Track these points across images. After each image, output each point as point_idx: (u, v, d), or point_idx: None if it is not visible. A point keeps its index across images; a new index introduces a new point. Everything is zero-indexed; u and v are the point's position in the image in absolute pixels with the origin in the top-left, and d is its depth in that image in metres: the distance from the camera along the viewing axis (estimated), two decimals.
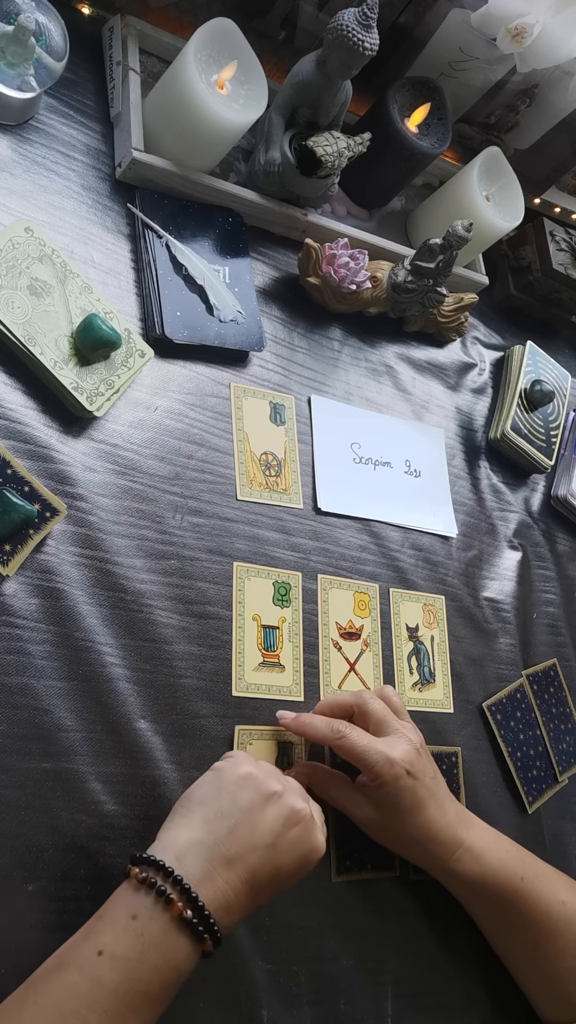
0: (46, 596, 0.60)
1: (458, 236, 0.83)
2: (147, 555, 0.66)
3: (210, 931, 0.48)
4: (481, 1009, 0.69)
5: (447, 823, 0.64)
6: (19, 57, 0.67)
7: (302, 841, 0.53)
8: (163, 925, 0.47)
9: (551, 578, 0.94)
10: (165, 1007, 0.48)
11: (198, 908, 0.48)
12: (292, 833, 0.53)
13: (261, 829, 0.52)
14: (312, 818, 0.55)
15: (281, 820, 0.53)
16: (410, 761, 0.62)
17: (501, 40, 0.80)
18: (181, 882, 0.48)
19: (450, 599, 0.84)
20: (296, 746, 0.68)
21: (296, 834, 0.53)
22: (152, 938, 0.47)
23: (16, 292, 0.64)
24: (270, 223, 0.86)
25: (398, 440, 0.88)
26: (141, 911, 0.47)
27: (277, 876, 0.52)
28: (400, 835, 0.63)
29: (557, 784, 0.83)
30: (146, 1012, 0.46)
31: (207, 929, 0.48)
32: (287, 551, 0.74)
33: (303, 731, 0.64)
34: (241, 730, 0.65)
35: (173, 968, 0.47)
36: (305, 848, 0.54)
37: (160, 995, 0.47)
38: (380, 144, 0.82)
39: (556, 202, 1.09)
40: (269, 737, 0.67)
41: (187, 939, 0.47)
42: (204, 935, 0.48)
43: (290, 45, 0.87)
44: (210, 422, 0.74)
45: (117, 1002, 0.45)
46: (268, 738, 0.66)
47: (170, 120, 0.74)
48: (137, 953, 0.46)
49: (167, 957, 0.47)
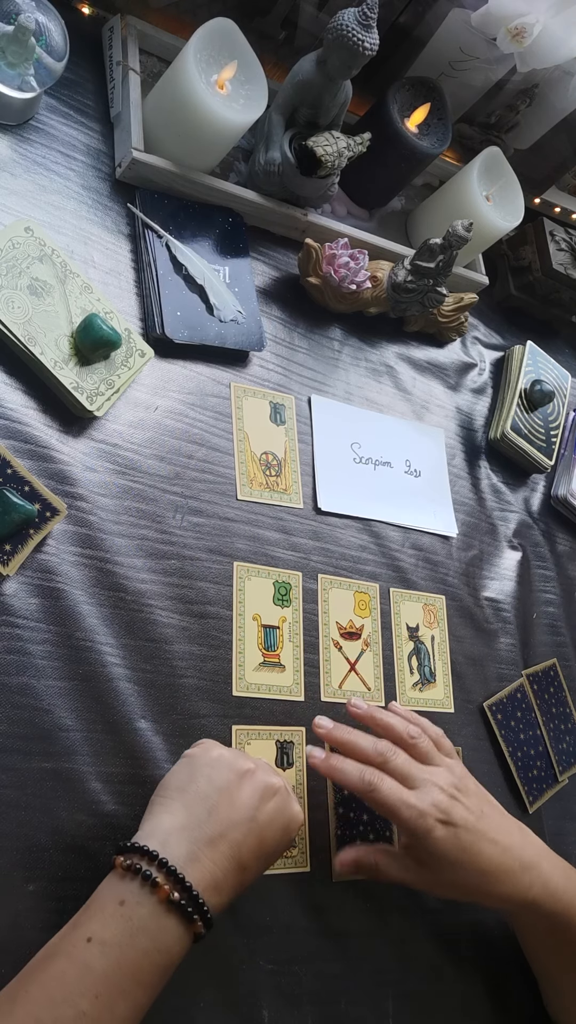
0: (46, 596, 0.60)
1: (458, 236, 0.83)
2: (147, 555, 0.66)
3: (200, 912, 0.48)
4: (482, 1010, 0.69)
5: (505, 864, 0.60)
6: (19, 57, 0.66)
7: (281, 812, 0.54)
8: (151, 908, 0.47)
9: (551, 578, 0.94)
10: (158, 992, 0.47)
11: (186, 889, 0.48)
12: (270, 806, 0.54)
13: (240, 805, 0.52)
14: (287, 790, 0.56)
15: (258, 795, 0.53)
16: (444, 809, 0.59)
17: (501, 40, 0.80)
18: (167, 864, 0.48)
19: (450, 599, 0.84)
20: (296, 746, 0.68)
21: (274, 806, 0.54)
22: (141, 922, 0.46)
23: (16, 292, 0.64)
24: (270, 223, 0.86)
25: (398, 440, 0.88)
26: (128, 896, 0.47)
27: (261, 850, 0.52)
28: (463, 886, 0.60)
29: (557, 784, 0.83)
30: (138, 996, 0.46)
31: (197, 910, 0.48)
32: (287, 551, 0.74)
33: (333, 775, 0.61)
34: (239, 730, 0.65)
35: (163, 952, 0.47)
36: (284, 819, 0.54)
37: (151, 980, 0.46)
38: (380, 144, 0.82)
39: (556, 202, 1.09)
40: (267, 736, 0.67)
41: (177, 921, 0.47)
42: (194, 916, 0.47)
43: (290, 45, 0.87)
44: (210, 422, 0.74)
45: (107, 987, 0.44)
46: (266, 737, 0.66)
47: (170, 120, 0.74)
48: (126, 938, 0.46)
49: (157, 940, 0.46)
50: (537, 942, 0.67)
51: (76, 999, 0.43)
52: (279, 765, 0.66)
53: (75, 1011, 0.43)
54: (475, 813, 0.61)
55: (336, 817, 0.67)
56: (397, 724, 0.64)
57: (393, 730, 0.63)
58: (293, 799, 0.56)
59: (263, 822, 0.53)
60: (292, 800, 0.56)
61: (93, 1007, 0.43)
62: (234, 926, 0.59)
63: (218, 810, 0.52)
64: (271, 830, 0.53)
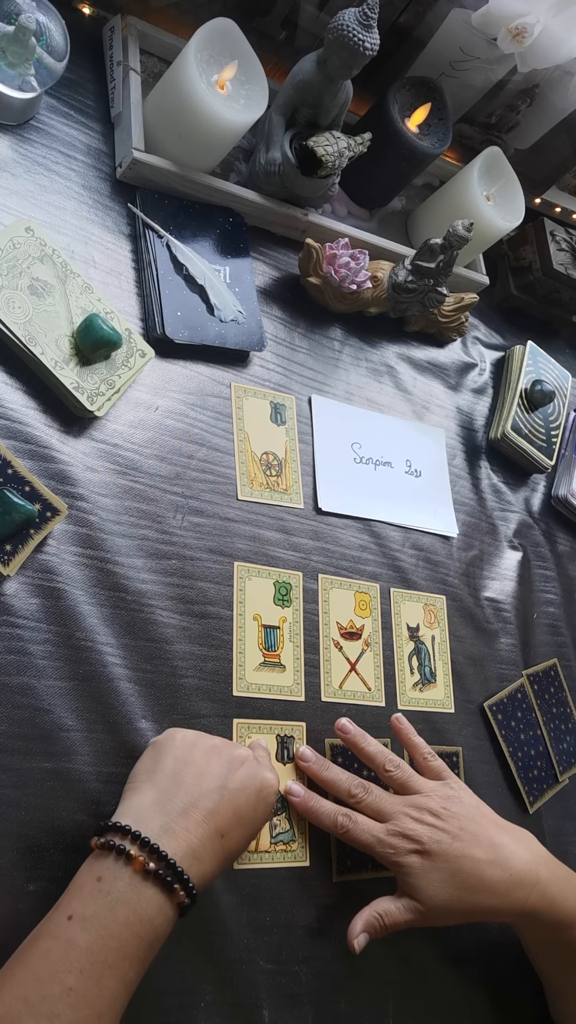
0: (47, 596, 0.60)
1: (458, 236, 0.83)
2: (148, 555, 0.66)
3: (180, 880, 0.48)
4: (482, 1009, 0.69)
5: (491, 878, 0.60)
6: (20, 57, 0.67)
7: (252, 777, 0.55)
8: (128, 880, 0.47)
9: (551, 578, 0.94)
10: (145, 965, 0.48)
11: (162, 858, 0.48)
12: (239, 774, 0.54)
13: (208, 776, 0.53)
14: (255, 758, 0.57)
15: (225, 765, 0.54)
16: (415, 837, 0.59)
17: (502, 40, 0.80)
18: (140, 837, 0.49)
19: (451, 599, 0.84)
20: (296, 741, 0.68)
21: (243, 773, 0.55)
22: (119, 894, 0.47)
23: (17, 292, 0.64)
24: (271, 223, 0.86)
25: (399, 440, 0.88)
26: (105, 872, 0.48)
27: (238, 816, 0.53)
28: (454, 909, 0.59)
29: (558, 784, 0.83)
30: (124, 969, 0.46)
31: (176, 878, 0.48)
32: (288, 551, 0.74)
33: (309, 817, 0.63)
34: (240, 723, 0.65)
35: (145, 922, 0.47)
36: (257, 784, 0.55)
37: (136, 952, 0.46)
38: (380, 144, 0.82)
39: (556, 202, 1.09)
40: (268, 731, 0.67)
41: (156, 891, 0.48)
42: (173, 885, 0.48)
43: (290, 45, 0.87)
44: (211, 422, 0.74)
45: (92, 961, 0.45)
46: (267, 732, 0.67)
47: (171, 120, 0.74)
48: (106, 911, 0.46)
49: (137, 911, 0.47)
50: (540, 949, 0.67)
51: (61, 975, 0.44)
52: (279, 759, 0.66)
53: (61, 987, 0.43)
54: (450, 832, 0.61)
55: None
56: (376, 755, 0.65)
57: (373, 761, 0.65)
58: (264, 766, 0.57)
59: (234, 789, 0.53)
60: (263, 767, 0.56)
61: (79, 981, 0.44)
62: (234, 926, 0.59)
63: (187, 783, 0.52)
64: (244, 796, 0.54)
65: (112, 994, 0.45)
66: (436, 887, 0.59)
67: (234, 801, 0.53)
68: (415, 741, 0.67)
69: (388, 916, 0.60)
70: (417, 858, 0.59)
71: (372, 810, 0.61)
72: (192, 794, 0.52)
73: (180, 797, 0.52)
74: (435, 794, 0.63)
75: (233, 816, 0.52)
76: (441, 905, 0.59)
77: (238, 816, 0.53)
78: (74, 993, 0.43)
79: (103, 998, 0.44)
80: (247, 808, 0.54)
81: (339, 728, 0.66)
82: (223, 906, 0.60)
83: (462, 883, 0.59)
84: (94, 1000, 0.44)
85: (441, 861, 0.59)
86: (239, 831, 0.53)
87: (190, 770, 0.53)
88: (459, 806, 0.63)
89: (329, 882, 0.65)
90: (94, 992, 0.44)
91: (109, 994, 0.45)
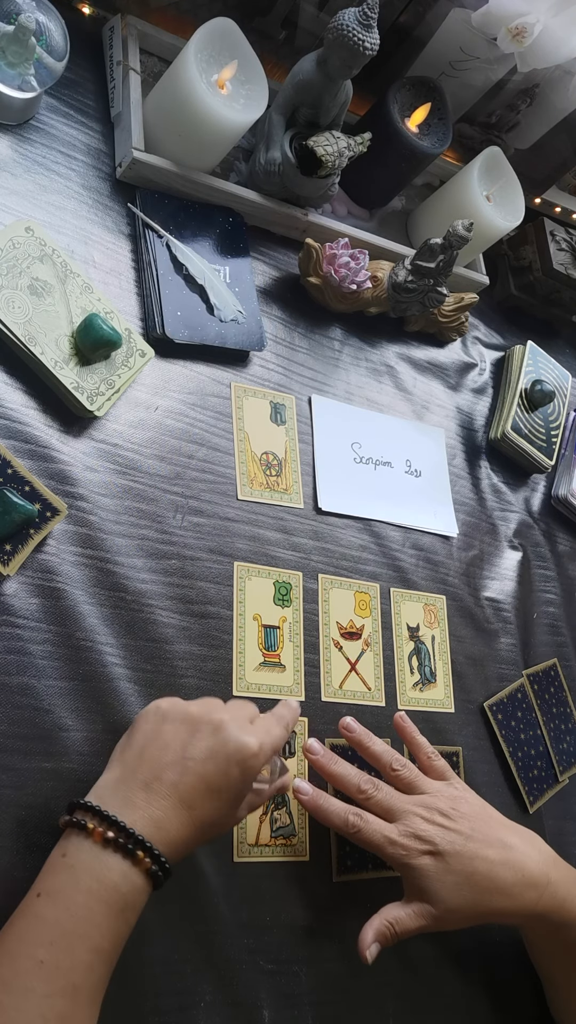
0: (47, 596, 0.60)
1: (458, 236, 0.83)
2: (148, 555, 0.66)
3: (142, 847, 0.48)
4: (482, 1010, 0.69)
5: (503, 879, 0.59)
6: (20, 57, 0.66)
7: (223, 744, 0.52)
8: (89, 851, 0.48)
9: (551, 578, 0.94)
10: (119, 935, 0.47)
11: (121, 828, 0.48)
12: (203, 743, 0.52)
13: (170, 747, 0.52)
14: (231, 721, 0.53)
15: (187, 733, 0.52)
16: (426, 838, 0.58)
17: (502, 40, 0.80)
18: (99, 811, 0.49)
19: (451, 599, 0.84)
20: (298, 735, 0.68)
21: (209, 741, 0.52)
22: (83, 865, 0.47)
23: (17, 292, 0.64)
24: (270, 223, 0.86)
25: (399, 440, 0.88)
26: (69, 848, 0.48)
27: (207, 785, 0.51)
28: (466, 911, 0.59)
29: (558, 784, 0.83)
30: (95, 938, 0.46)
31: (137, 845, 0.48)
32: (288, 551, 0.74)
33: (318, 816, 0.61)
34: None
35: (111, 888, 0.47)
36: (228, 749, 0.52)
37: (106, 920, 0.46)
38: (380, 144, 0.82)
39: (557, 202, 1.09)
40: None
41: (118, 857, 0.47)
42: (136, 852, 0.47)
43: (290, 45, 0.87)
44: (211, 422, 0.74)
45: (60, 932, 0.45)
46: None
47: (171, 120, 0.74)
48: (71, 884, 0.47)
49: (101, 880, 0.47)
50: (543, 947, 0.67)
51: (32, 950, 0.44)
52: (282, 754, 0.66)
53: (32, 961, 0.44)
54: (463, 834, 0.60)
55: None
56: (382, 755, 0.63)
57: (378, 760, 0.63)
58: (241, 729, 0.53)
59: (199, 758, 0.51)
60: (239, 731, 0.53)
61: (49, 954, 0.44)
62: (234, 926, 0.59)
63: (149, 757, 0.52)
64: (213, 764, 0.51)
65: (85, 964, 0.45)
66: (450, 890, 0.58)
67: (200, 771, 0.51)
68: (419, 740, 0.67)
69: (399, 924, 0.58)
70: (431, 860, 0.58)
71: (382, 808, 0.60)
72: (154, 768, 0.51)
73: (142, 772, 0.51)
74: (442, 794, 0.62)
75: (201, 786, 0.51)
76: (455, 908, 0.58)
77: (207, 786, 0.51)
78: (46, 966, 0.44)
79: (76, 969, 0.45)
80: (217, 777, 0.51)
81: (343, 727, 0.66)
82: (223, 906, 0.60)
83: (476, 884, 0.58)
84: (67, 971, 0.44)
85: (455, 863, 0.58)
86: (211, 802, 0.51)
87: (155, 744, 0.52)
88: (467, 806, 0.62)
89: (329, 881, 0.65)
90: (66, 963, 0.44)
91: (82, 964, 0.45)
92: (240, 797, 0.53)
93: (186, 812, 0.50)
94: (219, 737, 0.52)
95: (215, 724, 0.53)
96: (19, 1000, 0.43)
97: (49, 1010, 0.43)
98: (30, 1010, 0.43)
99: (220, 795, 0.52)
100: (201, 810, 0.51)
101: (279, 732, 0.56)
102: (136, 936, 0.56)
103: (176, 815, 0.50)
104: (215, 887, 0.60)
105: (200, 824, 0.51)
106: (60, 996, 0.44)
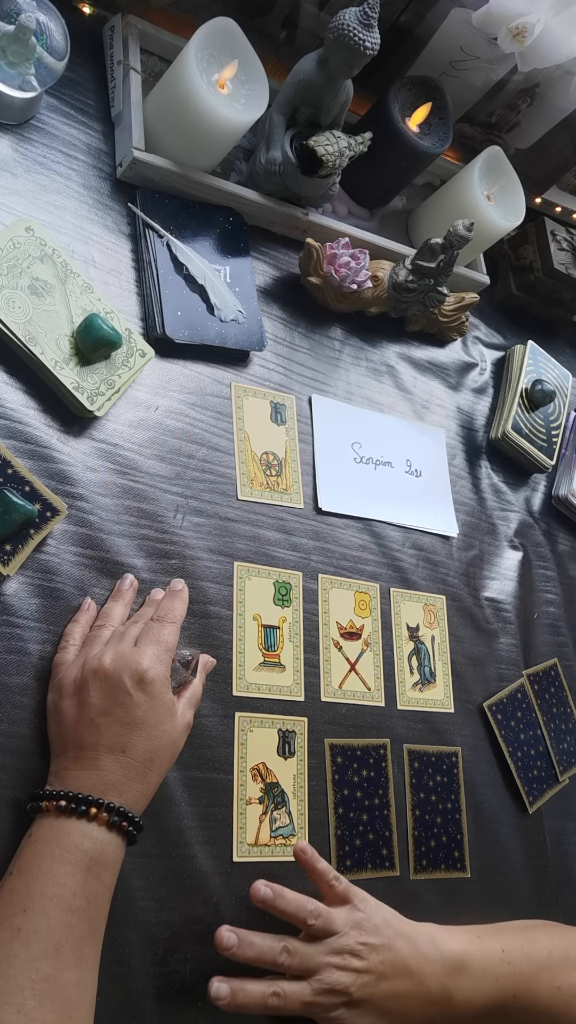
0: (47, 596, 0.60)
1: (459, 236, 0.82)
2: (148, 555, 0.66)
3: (92, 803, 0.51)
4: None
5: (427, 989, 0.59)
6: (20, 56, 0.66)
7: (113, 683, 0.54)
8: (49, 825, 0.51)
9: (552, 578, 0.94)
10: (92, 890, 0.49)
11: (67, 796, 0.51)
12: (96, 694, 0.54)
13: (73, 716, 0.54)
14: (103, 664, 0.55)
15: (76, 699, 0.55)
16: (342, 990, 0.56)
17: (502, 39, 0.80)
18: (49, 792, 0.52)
19: (451, 599, 0.84)
20: (298, 735, 0.68)
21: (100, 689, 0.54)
22: (44, 838, 0.50)
23: (17, 292, 0.64)
24: (271, 223, 0.86)
25: (399, 440, 0.88)
26: (33, 829, 0.52)
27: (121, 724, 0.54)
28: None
29: (558, 784, 0.83)
30: (67, 897, 0.48)
31: (86, 803, 0.51)
32: (288, 551, 0.74)
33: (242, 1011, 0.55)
34: (241, 717, 0.66)
35: (72, 848, 0.49)
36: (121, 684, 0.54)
37: (73, 878, 0.49)
38: (381, 144, 0.82)
39: (557, 201, 1.09)
40: (270, 725, 0.67)
41: (72, 820, 0.50)
42: (88, 809, 0.50)
43: (291, 44, 0.87)
44: (211, 422, 0.74)
45: (31, 898, 0.48)
46: (269, 726, 0.67)
47: (171, 119, 0.74)
48: (34, 855, 0.50)
49: (61, 844, 0.50)
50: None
51: (9, 919, 0.47)
52: (280, 754, 0.66)
53: (11, 930, 0.46)
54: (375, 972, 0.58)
55: (336, 817, 0.67)
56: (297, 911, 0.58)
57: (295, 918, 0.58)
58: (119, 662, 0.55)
59: (101, 708, 0.54)
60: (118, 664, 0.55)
61: (25, 920, 0.47)
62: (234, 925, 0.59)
63: (66, 736, 0.54)
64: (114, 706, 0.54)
65: (63, 923, 0.47)
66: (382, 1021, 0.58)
67: (108, 719, 0.53)
68: (319, 868, 0.61)
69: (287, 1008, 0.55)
70: (346, 1011, 0.57)
71: (299, 971, 0.56)
72: (75, 741, 0.53)
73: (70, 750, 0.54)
74: (349, 928, 0.59)
75: (119, 729, 0.53)
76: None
77: (123, 725, 0.54)
78: (24, 931, 0.46)
79: (54, 929, 0.47)
80: (126, 712, 0.54)
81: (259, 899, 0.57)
82: (223, 906, 0.60)
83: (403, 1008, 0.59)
84: (45, 933, 0.46)
85: (369, 1006, 0.58)
86: (137, 735, 0.54)
87: (65, 724, 0.54)
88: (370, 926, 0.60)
89: None
90: (43, 926, 0.47)
91: (60, 924, 0.47)
92: (165, 711, 0.56)
93: (122, 758, 0.53)
94: (106, 680, 0.55)
95: (95, 671, 0.55)
96: (4, 967, 0.45)
97: (35, 972, 0.45)
98: (17, 976, 0.45)
99: (142, 725, 0.54)
100: (134, 747, 0.53)
101: (165, 634, 0.58)
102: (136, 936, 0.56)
103: (115, 765, 0.53)
104: (215, 887, 0.60)
105: (143, 759, 0.54)
106: (43, 958, 0.46)
